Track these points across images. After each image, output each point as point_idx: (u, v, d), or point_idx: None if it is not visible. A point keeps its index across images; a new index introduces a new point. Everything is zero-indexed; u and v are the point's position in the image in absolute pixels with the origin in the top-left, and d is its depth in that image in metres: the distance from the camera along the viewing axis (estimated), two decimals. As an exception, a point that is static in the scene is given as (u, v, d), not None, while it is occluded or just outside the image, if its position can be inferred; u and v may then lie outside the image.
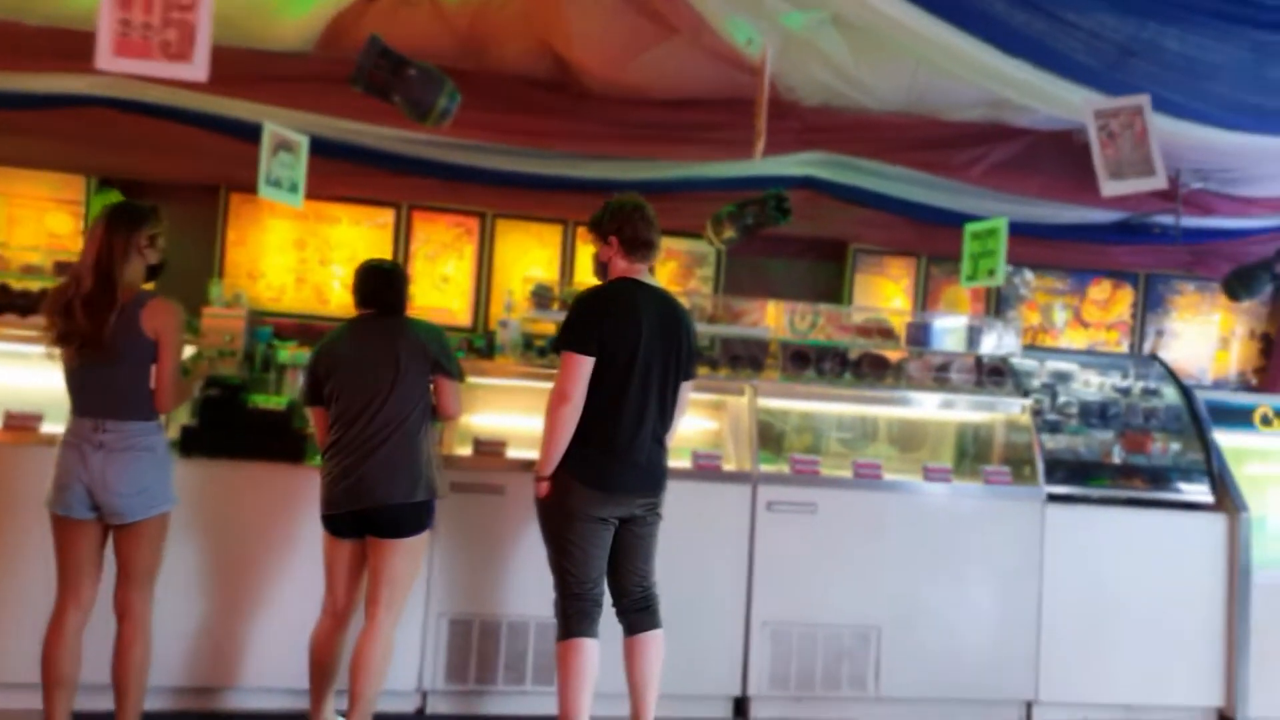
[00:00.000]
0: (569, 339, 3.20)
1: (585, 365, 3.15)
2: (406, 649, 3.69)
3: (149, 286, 3.18)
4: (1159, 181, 3.91)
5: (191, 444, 3.73)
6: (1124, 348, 6.45)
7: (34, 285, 4.25)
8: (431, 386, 3.37)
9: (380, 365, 3.26)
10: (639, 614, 3.35)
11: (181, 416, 3.83)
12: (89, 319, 2.96)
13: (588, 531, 3.21)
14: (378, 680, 3.23)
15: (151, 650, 3.11)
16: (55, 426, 3.17)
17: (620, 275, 3.35)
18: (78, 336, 2.97)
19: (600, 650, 3.24)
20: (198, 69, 3.19)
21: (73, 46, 3.82)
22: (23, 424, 3.66)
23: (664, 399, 3.31)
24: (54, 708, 2.98)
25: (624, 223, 3.33)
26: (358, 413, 3.23)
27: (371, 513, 3.21)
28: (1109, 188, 3.88)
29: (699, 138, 4.69)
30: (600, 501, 3.20)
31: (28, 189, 5.48)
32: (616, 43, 4.21)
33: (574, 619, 3.22)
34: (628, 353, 3.20)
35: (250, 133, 4.37)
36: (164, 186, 5.39)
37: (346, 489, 3.20)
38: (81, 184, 5.46)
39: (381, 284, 3.41)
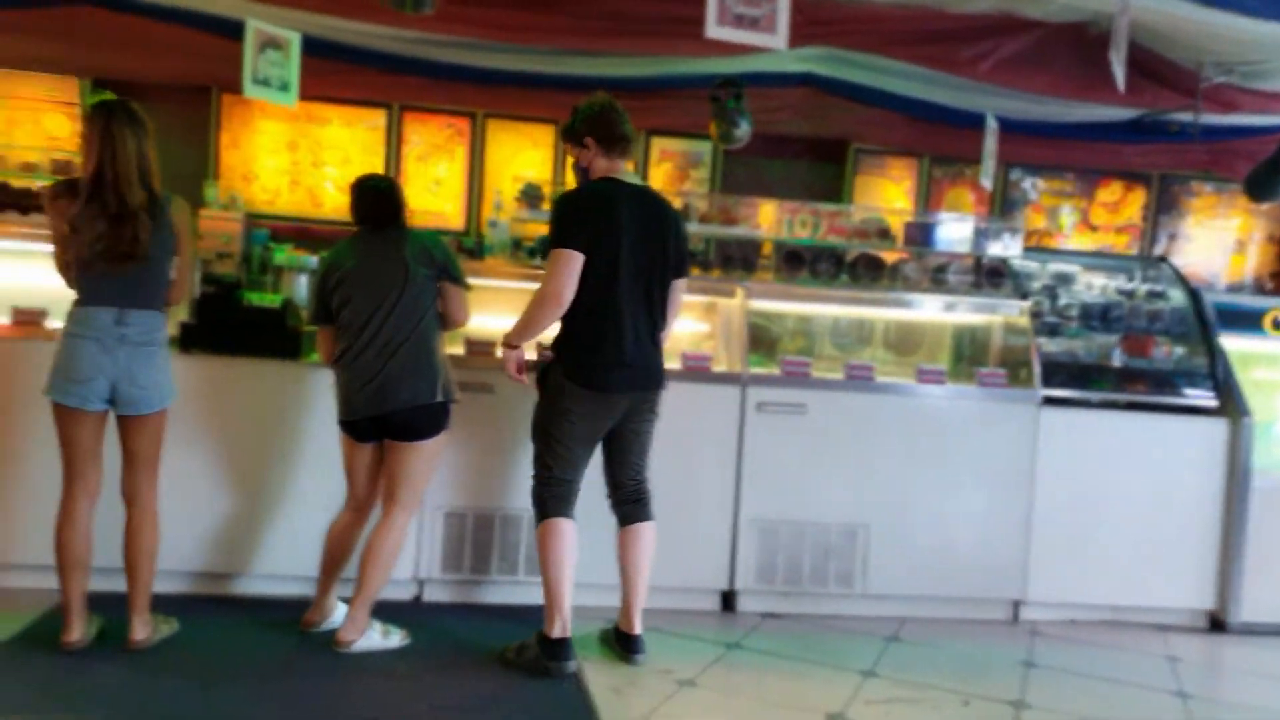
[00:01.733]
0: (557, 237, 3.22)
1: (575, 262, 3.16)
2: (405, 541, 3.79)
3: None
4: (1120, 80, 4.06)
5: (190, 340, 3.79)
6: (1134, 252, 6.33)
7: (32, 184, 4.29)
8: (438, 293, 3.38)
9: (389, 270, 3.28)
10: (632, 506, 3.45)
11: (179, 313, 3.89)
12: (138, 228, 2.98)
13: (577, 432, 3.30)
14: (386, 572, 3.35)
15: (159, 534, 3.22)
16: (59, 322, 3.21)
17: (601, 175, 3.34)
18: (126, 244, 2.98)
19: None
20: None
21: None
22: (30, 319, 3.72)
23: (652, 297, 3.33)
24: (71, 588, 3.11)
25: (598, 122, 3.32)
26: (368, 317, 3.26)
27: (392, 415, 3.27)
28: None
29: (696, 33, 4.56)
30: (592, 401, 3.27)
31: (26, 90, 5.49)
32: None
33: (550, 502, 3.34)
34: (613, 251, 3.21)
35: (239, 31, 4.31)
36: (156, 87, 5.36)
37: (368, 395, 3.26)
38: (77, 86, 5.46)
39: (379, 201, 3.41)
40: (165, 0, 4.59)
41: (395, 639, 3.41)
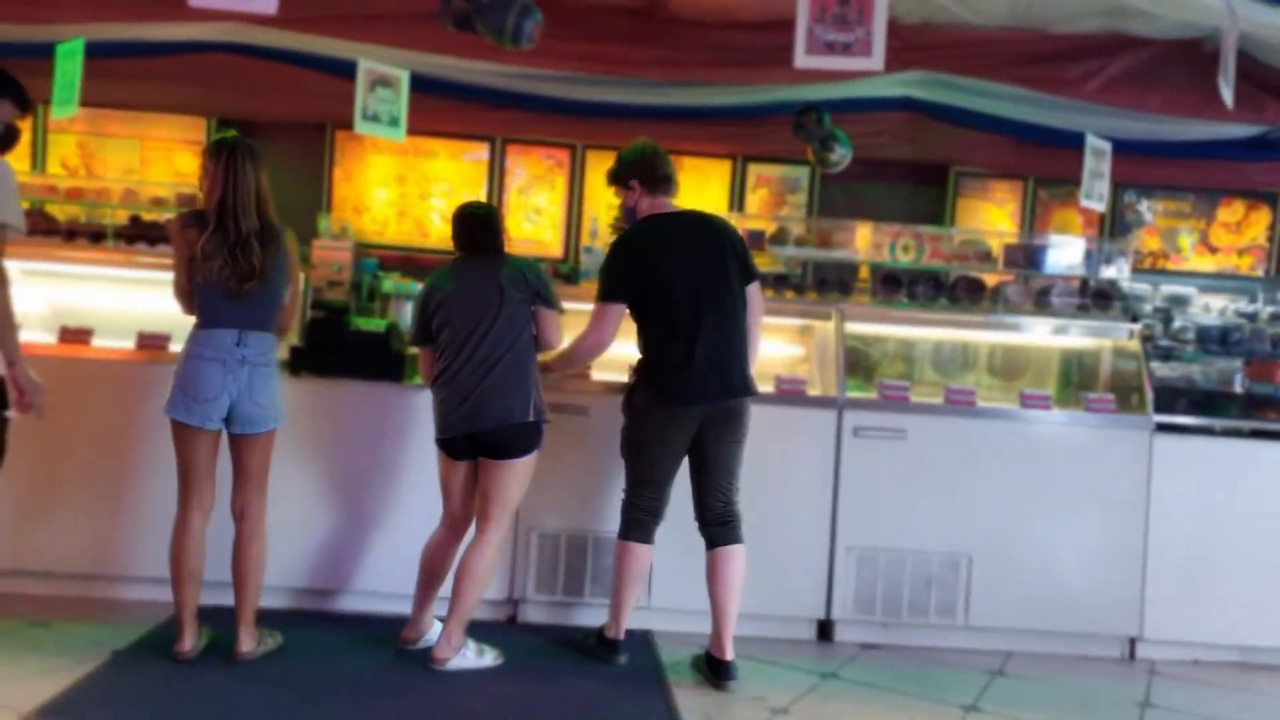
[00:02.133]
0: (601, 289, 3.45)
1: (615, 314, 3.43)
2: (499, 561, 3.85)
3: None
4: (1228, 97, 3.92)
5: (300, 363, 3.95)
6: (1259, 274, 5.98)
7: (160, 217, 4.59)
8: (532, 316, 3.47)
9: (485, 293, 3.38)
10: (720, 528, 3.45)
11: (290, 337, 4.06)
12: (253, 253, 3.15)
13: (658, 446, 3.43)
14: (480, 589, 3.41)
15: (266, 549, 3.34)
16: (179, 346, 3.38)
17: (646, 215, 3.50)
18: (247, 269, 3.15)
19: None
20: (267, 2, 3.38)
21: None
22: (154, 344, 3.94)
23: (723, 310, 3.40)
24: (184, 600, 3.25)
25: (640, 165, 3.50)
26: (465, 337, 3.36)
27: (486, 434, 3.35)
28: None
29: (791, 60, 4.58)
30: (669, 415, 3.38)
31: (159, 131, 5.90)
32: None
33: (628, 525, 3.49)
34: (666, 280, 3.37)
35: (351, 71, 4.54)
36: (276, 125, 5.69)
37: (463, 413, 3.34)
38: (204, 125, 5.84)
39: (477, 228, 3.53)
40: (284, 44, 4.88)
41: (489, 658, 3.45)
